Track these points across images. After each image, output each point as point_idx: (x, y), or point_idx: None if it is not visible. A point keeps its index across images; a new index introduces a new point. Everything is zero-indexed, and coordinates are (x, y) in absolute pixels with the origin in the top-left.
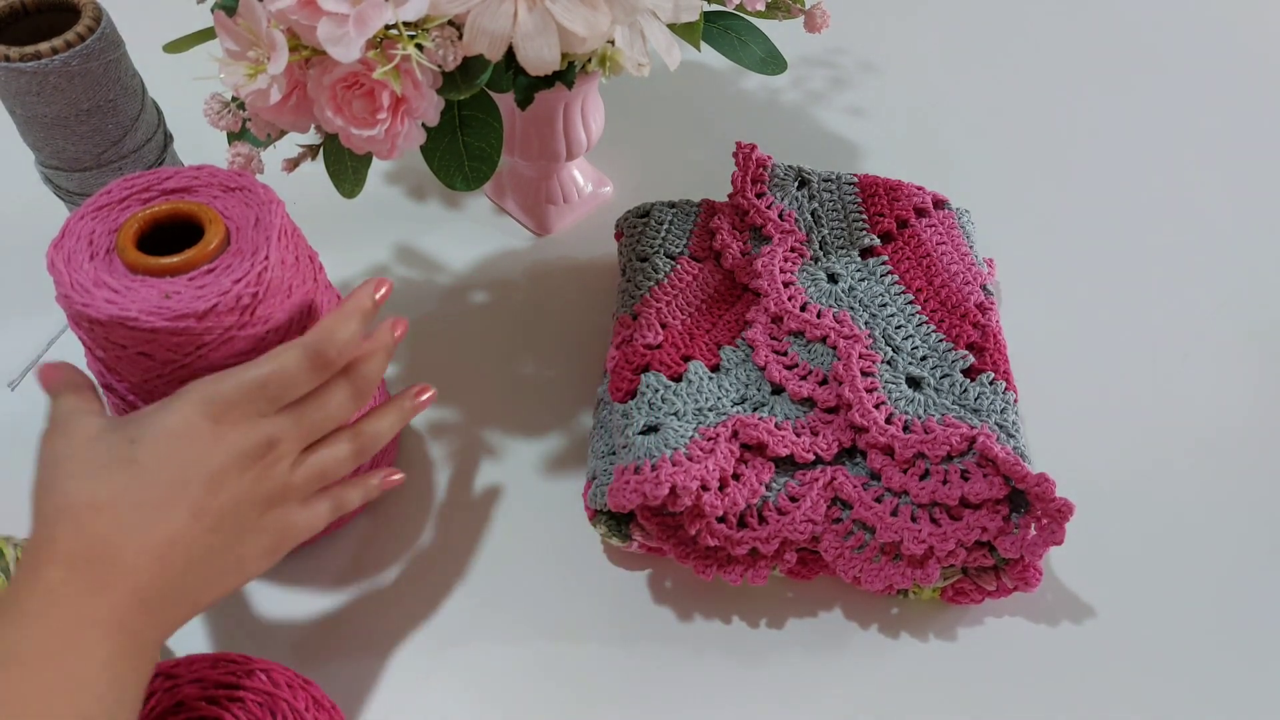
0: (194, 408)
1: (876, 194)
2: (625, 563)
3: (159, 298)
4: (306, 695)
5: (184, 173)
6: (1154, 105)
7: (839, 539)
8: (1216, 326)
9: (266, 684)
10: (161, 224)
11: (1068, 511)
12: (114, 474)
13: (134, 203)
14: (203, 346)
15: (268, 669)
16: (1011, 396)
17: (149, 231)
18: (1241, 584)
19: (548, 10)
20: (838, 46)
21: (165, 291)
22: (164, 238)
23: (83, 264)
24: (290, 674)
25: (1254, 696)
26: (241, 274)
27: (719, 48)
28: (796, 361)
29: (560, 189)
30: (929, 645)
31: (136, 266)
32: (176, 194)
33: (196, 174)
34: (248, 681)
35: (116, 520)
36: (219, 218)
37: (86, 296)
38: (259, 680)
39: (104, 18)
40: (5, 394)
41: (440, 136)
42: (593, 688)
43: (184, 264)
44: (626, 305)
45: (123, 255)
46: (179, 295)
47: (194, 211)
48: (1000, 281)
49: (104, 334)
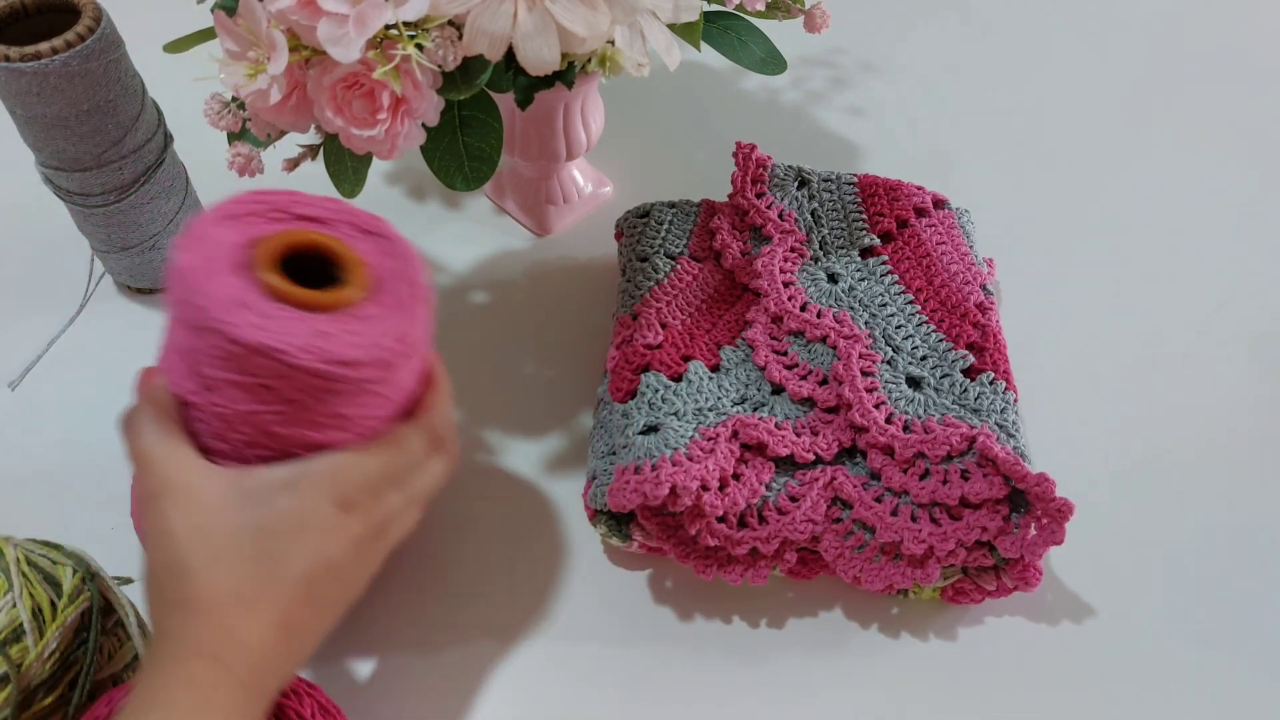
0: (324, 496)
1: (876, 194)
2: (625, 563)
3: (310, 335)
4: (312, 701)
5: (316, 202)
6: (1154, 105)
7: (839, 539)
8: (1216, 326)
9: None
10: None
11: (1068, 511)
12: (250, 568)
13: (262, 221)
14: (331, 394)
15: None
16: (1011, 396)
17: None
18: (1241, 584)
19: (548, 10)
20: (838, 46)
21: (317, 330)
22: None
23: (222, 275)
24: (295, 678)
25: (1254, 696)
26: (390, 329)
27: (719, 48)
28: (796, 361)
29: (560, 189)
30: (929, 645)
31: (280, 294)
32: (309, 222)
33: (330, 207)
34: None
35: (251, 613)
36: (363, 263)
37: (229, 314)
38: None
39: (104, 18)
40: (5, 394)
41: (440, 136)
42: (593, 687)
43: (331, 303)
44: (626, 305)
45: (263, 277)
46: (330, 337)
47: (337, 250)
48: (1000, 281)
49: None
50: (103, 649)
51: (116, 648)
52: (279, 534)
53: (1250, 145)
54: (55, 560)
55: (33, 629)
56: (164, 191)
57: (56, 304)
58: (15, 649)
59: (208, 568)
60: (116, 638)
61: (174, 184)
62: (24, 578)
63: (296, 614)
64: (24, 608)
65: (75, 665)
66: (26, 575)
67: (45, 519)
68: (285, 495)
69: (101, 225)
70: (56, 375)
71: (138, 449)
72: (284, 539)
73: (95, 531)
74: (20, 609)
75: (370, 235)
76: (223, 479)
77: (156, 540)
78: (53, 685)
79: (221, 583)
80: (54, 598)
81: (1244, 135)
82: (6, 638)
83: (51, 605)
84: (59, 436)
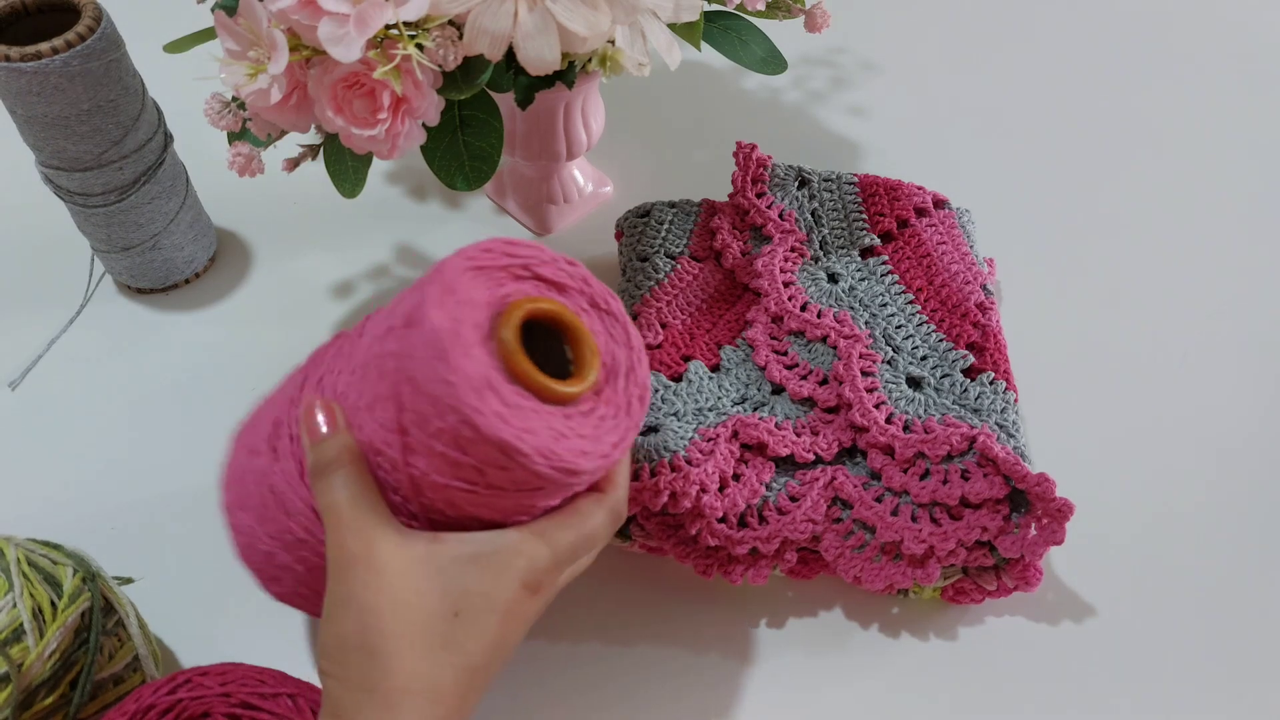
0: (515, 577)
1: (876, 194)
2: (625, 563)
3: (548, 435)
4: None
5: (560, 263)
6: (1155, 105)
7: (839, 539)
8: (1216, 326)
9: (289, 709)
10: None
11: (1068, 511)
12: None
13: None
14: (540, 490)
15: (295, 693)
16: (1011, 396)
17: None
18: (1241, 584)
19: (548, 10)
20: (838, 46)
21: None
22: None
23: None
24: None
25: (1253, 696)
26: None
27: (719, 48)
28: (797, 361)
29: (560, 189)
30: (929, 645)
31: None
32: (549, 286)
33: (569, 271)
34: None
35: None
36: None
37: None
38: (283, 705)
39: (104, 18)
40: (5, 394)
41: (440, 136)
42: (593, 687)
43: (568, 397)
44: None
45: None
46: (564, 441)
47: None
48: (1000, 281)
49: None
50: (103, 649)
51: (117, 648)
52: (468, 618)
53: (1251, 145)
54: (55, 560)
55: (33, 629)
56: (164, 191)
57: (56, 304)
58: (16, 649)
59: (404, 654)
60: (117, 638)
61: (174, 184)
62: (24, 578)
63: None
64: (24, 608)
65: (76, 665)
66: (27, 575)
67: (45, 519)
68: (475, 573)
69: (102, 225)
70: (56, 375)
71: (331, 506)
72: (472, 623)
73: (95, 531)
74: (21, 609)
75: (602, 313)
76: (416, 551)
77: (345, 612)
78: (53, 685)
79: (416, 672)
80: (54, 598)
81: (1245, 135)
82: (7, 638)
83: (52, 605)
84: (59, 436)
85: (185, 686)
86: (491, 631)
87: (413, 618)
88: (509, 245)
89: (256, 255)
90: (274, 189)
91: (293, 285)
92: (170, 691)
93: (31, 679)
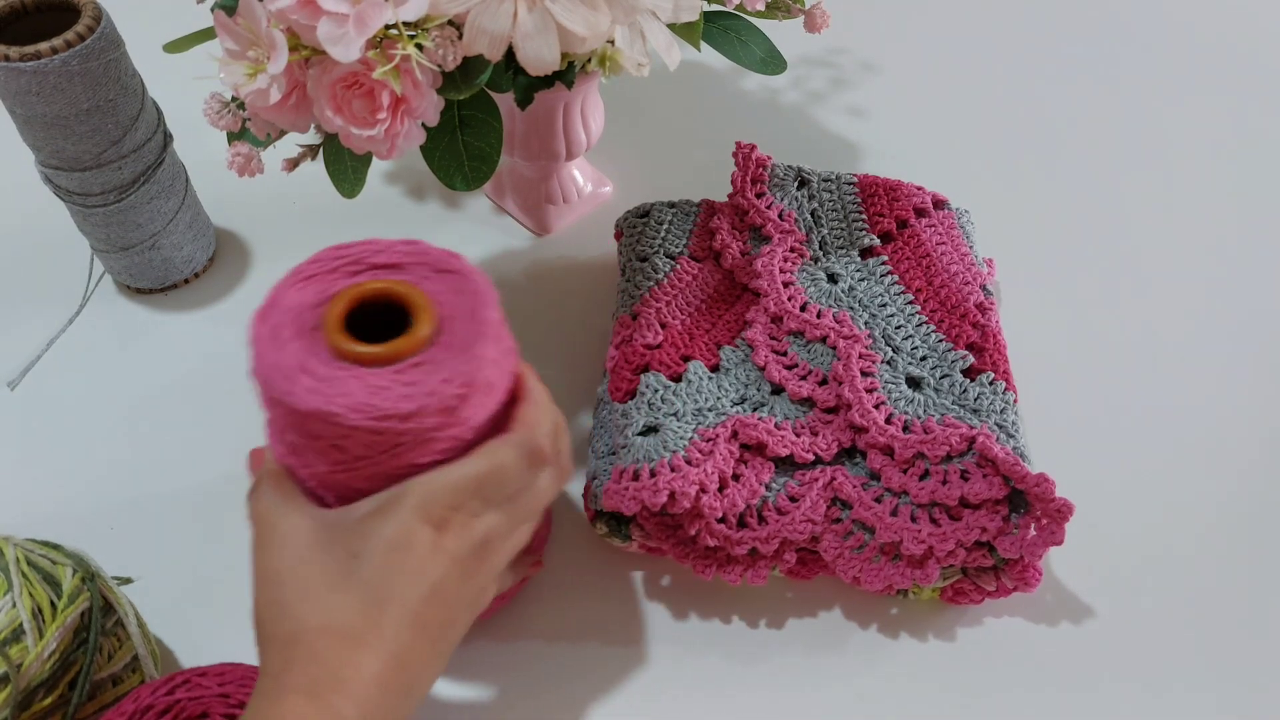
0: (413, 515)
1: (876, 194)
2: (625, 563)
3: (364, 393)
4: None
5: (395, 247)
6: (1155, 105)
7: (839, 539)
8: (1216, 326)
9: None
10: (369, 303)
11: (1068, 511)
12: (342, 596)
13: (343, 274)
14: (399, 446)
15: None
16: (1011, 396)
17: (355, 310)
18: (1241, 584)
19: (548, 10)
20: (838, 46)
21: (372, 386)
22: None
23: (287, 342)
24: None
25: (1253, 696)
26: (451, 373)
27: (719, 48)
28: (796, 361)
29: (560, 189)
30: (929, 645)
31: (342, 352)
32: (386, 270)
33: (408, 250)
34: None
35: (348, 643)
36: (430, 305)
37: (288, 384)
38: None
39: (104, 18)
40: (5, 394)
41: (440, 136)
42: (593, 687)
43: (391, 355)
44: (626, 305)
45: (329, 337)
46: (385, 392)
47: (405, 294)
48: (1000, 281)
49: (300, 422)
50: (102, 649)
51: (116, 648)
52: (374, 561)
53: (1251, 145)
54: (55, 560)
55: (32, 629)
56: (164, 191)
57: (56, 304)
58: (15, 649)
59: (302, 601)
60: (116, 638)
61: (174, 184)
62: (24, 578)
63: (407, 645)
64: (24, 608)
65: (75, 665)
66: (26, 575)
67: (44, 519)
68: (375, 521)
69: (101, 225)
70: (56, 375)
71: (254, 512)
72: (380, 565)
73: (95, 531)
74: (20, 609)
75: (445, 274)
76: (316, 516)
77: (261, 583)
78: (52, 685)
79: (317, 616)
80: (54, 598)
81: (1244, 135)
82: (6, 638)
83: (51, 605)
84: (58, 436)
85: (184, 687)
86: (405, 571)
87: (312, 569)
88: (339, 249)
89: (256, 255)
90: (273, 189)
91: None
92: (168, 692)
93: (30, 679)
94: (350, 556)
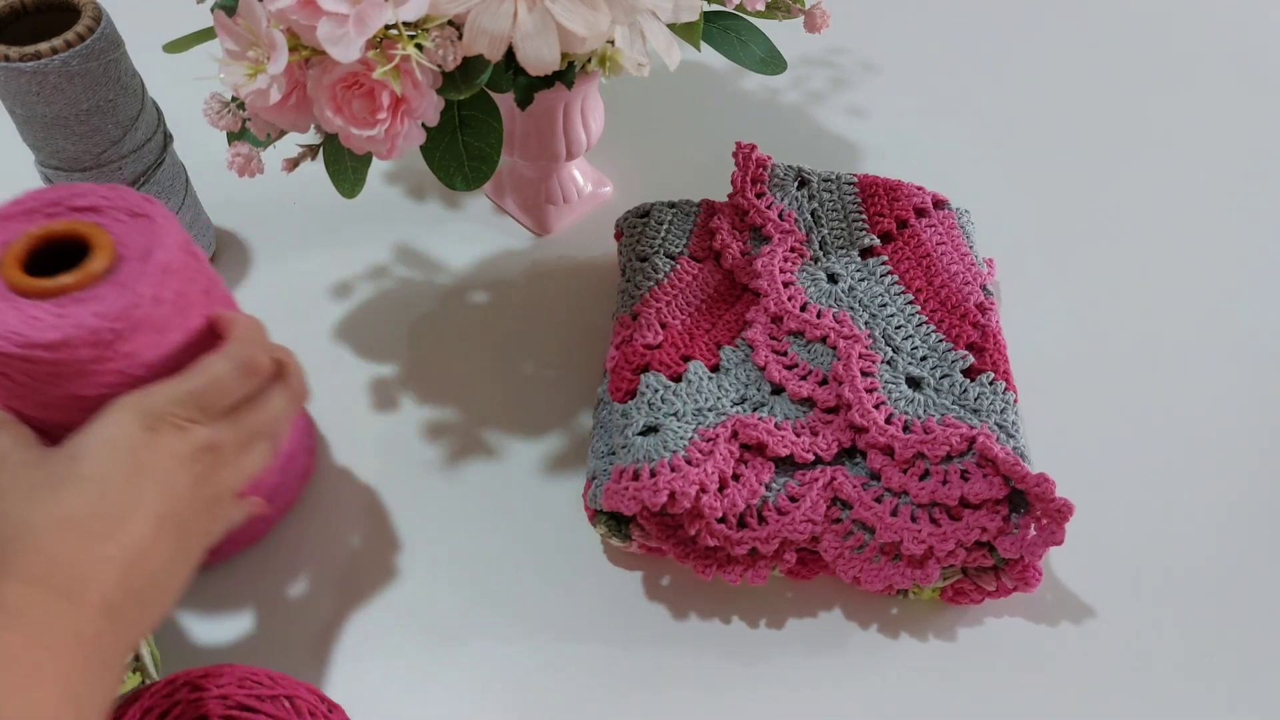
0: (128, 416)
1: (876, 194)
2: (625, 563)
3: (17, 321)
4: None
5: (98, 191)
6: (1154, 105)
7: (839, 539)
8: (1216, 326)
9: (286, 711)
10: (58, 243)
11: (1068, 511)
12: (64, 491)
13: (40, 216)
14: (56, 376)
15: (293, 694)
16: (1011, 396)
17: (45, 249)
18: (1241, 584)
19: (548, 10)
20: (838, 46)
21: (26, 316)
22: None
23: None
24: (315, 698)
25: (1253, 696)
26: (106, 308)
27: (719, 48)
28: (796, 361)
29: (560, 189)
30: (929, 645)
31: (14, 285)
32: (84, 212)
33: (108, 195)
34: (269, 708)
35: (78, 533)
36: (111, 244)
37: None
38: (280, 707)
39: (104, 18)
40: None
41: (440, 136)
42: (592, 687)
43: (56, 289)
44: (626, 305)
45: (4, 272)
46: (36, 322)
47: (88, 234)
48: (1000, 281)
49: None
50: None
51: None
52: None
53: (1250, 145)
54: None
55: None
56: (164, 191)
57: None
58: None
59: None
60: None
61: (174, 184)
62: None
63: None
64: None
65: None
66: None
67: None
68: (92, 427)
69: None
70: None
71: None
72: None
73: None
74: None
75: (138, 218)
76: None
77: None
78: None
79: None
80: None
81: (1244, 135)
82: None
83: None
84: None
85: (183, 689)
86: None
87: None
88: (40, 192)
89: (256, 255)
90: (273, 189)
91: (292, 285)
92: (168, 694)
93: None
94: (70, 460)
